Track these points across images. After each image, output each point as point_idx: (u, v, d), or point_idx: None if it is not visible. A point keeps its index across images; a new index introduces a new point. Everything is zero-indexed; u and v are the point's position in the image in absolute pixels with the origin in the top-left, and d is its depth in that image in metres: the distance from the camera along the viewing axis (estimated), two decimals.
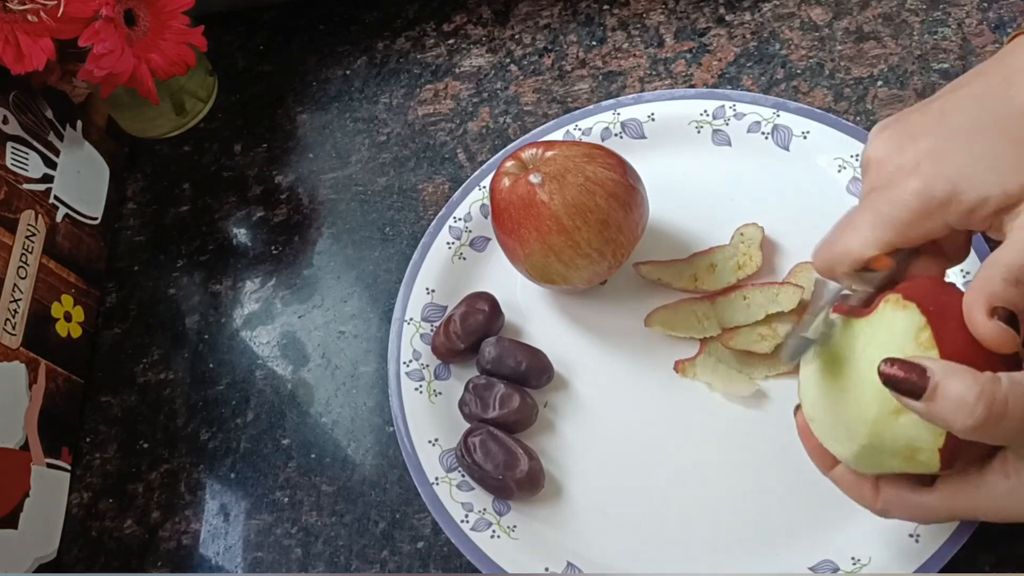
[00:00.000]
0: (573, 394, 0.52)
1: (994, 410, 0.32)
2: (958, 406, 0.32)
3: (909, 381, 0.33)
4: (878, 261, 0.38)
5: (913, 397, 0.33)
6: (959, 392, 0.32)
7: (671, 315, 0.51)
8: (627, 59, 0.62)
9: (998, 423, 0.32)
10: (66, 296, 0.60)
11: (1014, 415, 0.32)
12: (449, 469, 0.50)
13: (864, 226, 0.38)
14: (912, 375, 0.33)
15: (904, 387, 0.33)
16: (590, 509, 0.49)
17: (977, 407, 0.32)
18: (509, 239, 0.50)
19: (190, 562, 0.53)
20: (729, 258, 0.52)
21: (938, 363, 0.33)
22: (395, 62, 0.67)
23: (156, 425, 0.58)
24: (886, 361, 0.34)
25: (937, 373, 0.33)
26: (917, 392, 0.33)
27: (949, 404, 0.32)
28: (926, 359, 0.34)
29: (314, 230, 0.62)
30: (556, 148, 0.49)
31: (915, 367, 0.33)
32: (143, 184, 0.67)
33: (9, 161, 0.57)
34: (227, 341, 0.60)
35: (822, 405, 0.38)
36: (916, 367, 0.33)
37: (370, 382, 0.56)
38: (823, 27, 0.60)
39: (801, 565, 0.45)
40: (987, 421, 0.32)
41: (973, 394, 0.32)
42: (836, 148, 0.54)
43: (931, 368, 0.33)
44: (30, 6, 0.52)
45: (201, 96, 0.68)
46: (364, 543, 0.51)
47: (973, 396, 0.32)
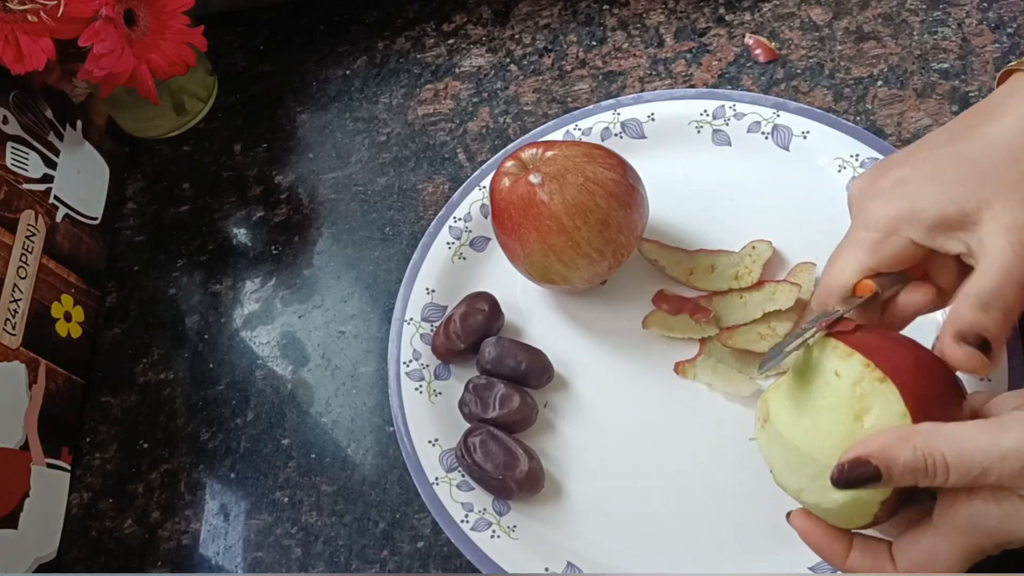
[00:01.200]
0: (573, 394, 0.52)
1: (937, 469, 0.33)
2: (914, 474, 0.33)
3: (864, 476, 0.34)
4: (860, 287, 0.40)
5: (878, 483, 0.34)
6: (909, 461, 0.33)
7: (668, 316, 0.51)
8: (627, 59, 0.62)
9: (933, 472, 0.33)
10: (66, 296, 0.60)
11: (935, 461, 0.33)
12: (449, 469, 0.50)
13: (843, 255, 0.41)
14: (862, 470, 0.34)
15: (865, 482, 0.34)
16: (590, 509, 0.49)
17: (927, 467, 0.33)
18: (509, 239, 0.50)
19: (190, 562, 0.53)
20: (731, 266, 0.52)
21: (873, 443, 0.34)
22: (395, 62, 0.67)
23: (156, 425, 0.58)
24: (835, 469, 0.35)
25: (878, 456, 0.34)
26: (876, 479, 0.34)
27: (907, 476, 0.33)
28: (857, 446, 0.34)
29: (314, 230, 0.62)
30: (556, 148, 0.49)
31: (857, 463, 0.34)
32: (143, 184, 0.67)
33: (9, 161, 0.57)
34: (227, 341, 0.60)
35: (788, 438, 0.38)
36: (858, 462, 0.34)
37: (370, 382, 0.56)
38: (823, 27, 0.60)
39: (801, 565, 0.45)
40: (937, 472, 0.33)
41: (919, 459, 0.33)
42: (836, 148, 0.54)
43: (871, 453, 0.34)
44: (30, 6, 0.52)
45: (201, 96, 0.68)
46: (364, 543, 0.51)
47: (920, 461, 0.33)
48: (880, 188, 0.40)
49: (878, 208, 0.40)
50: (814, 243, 0.52)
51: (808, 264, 0.51)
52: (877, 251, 0.39)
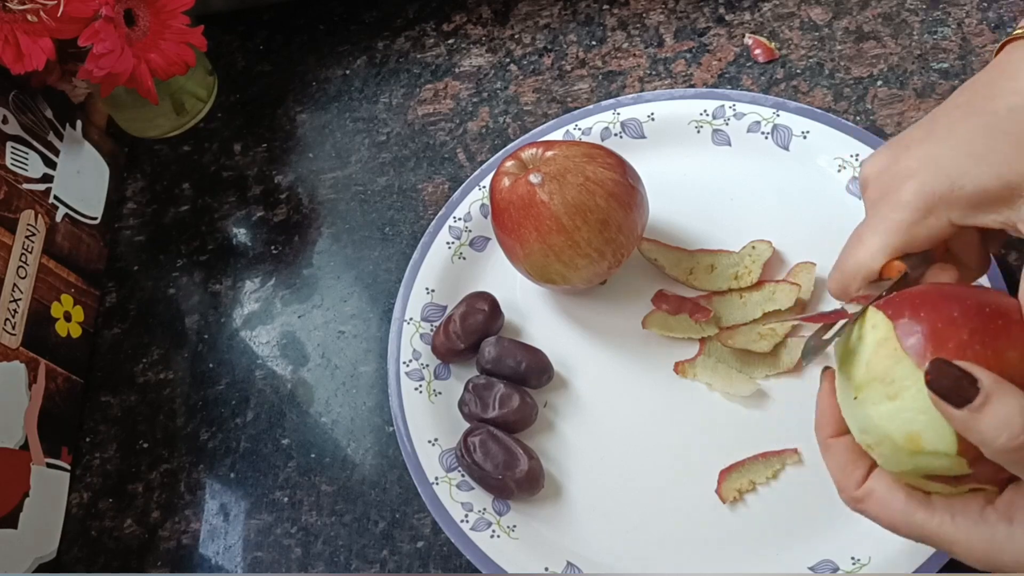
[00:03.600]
0: (573, 394, 0.52)
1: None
2: (1004, 424, 0.31)
3: (959, 388, 0.32)
4: (889, 268, 0.38)
5: (956, 405, 0.32)
6: (1008, 411, 0.31)
7: (668, 316, 0.51)
8: (627, 59, 0.62)
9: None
10: (66, 296, 0.60)
11: None
12: (449, 469, 0.50)
13: (869, 237, 0.38)
14: (962, 382, 0.32)
15: (951, 393, 0.32)
16: (590, 509, 0.49)
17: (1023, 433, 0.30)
18: (509, 239, 0.50)
19: (190, 562, 0.53)
20: (731, 266, 0.52)
21: (989, 376, 0.32)
22: (395, 62, 0.67)
23: (156, 425, 0.58)
24: (936, 363, 0.32)
25: (988, 386, 0.31)
26: (963, 400, 0.31)
27: (994, 420, 0.31)
28: (978, 369, 0.32)
29: (314, 230, 0.62)
30: (556, 148, 0.49)
31: (966, 375, 0.32)
32: (143, 184, 0.67)
33: (9, 161, 0.57)
34: (227, 341, 0.60)
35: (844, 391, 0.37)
36: (967, 375, 0.32)
37: (370, 382, 0.56)
38: (823, 27, 0.60)
39: (801, 565, 0.45)
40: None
41: (1022, 416, 0.31)
42: (836, 148, 0.54)
43: (982, 380, 0.31)
44: (30, 6, 0.52)
45: (201, 96, 0.68)
46: (364, 543, 0.51)
47: (1022, 419, 0.30)
48: (907, 167, 0.38)
49: (909, 187, 0.37)
50: (814, 243, 0.52)
51: (808, 264, 0.51)
52: (912, 232, 0.37)
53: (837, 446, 0.37)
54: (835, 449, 0.37)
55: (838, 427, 0.37)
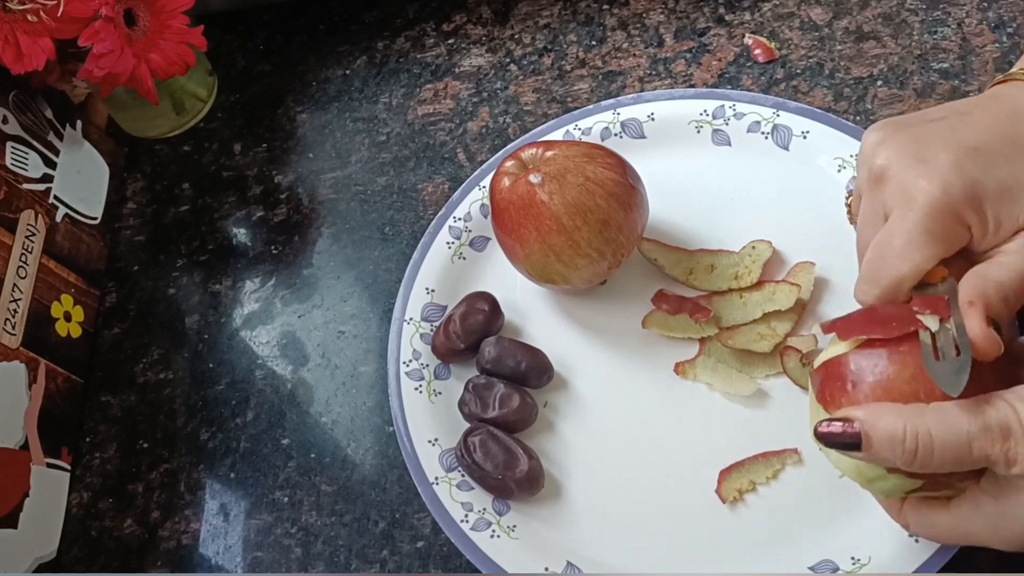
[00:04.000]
0: (573, 394, 0.52)
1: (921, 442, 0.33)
2: (893, 443, 0.33)
3: (843, 436, 0.34)
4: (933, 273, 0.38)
5: (856, 450, 0.34)
6: (889, 431, 0.33)
7: (668, 316, 0.51)
8: (627, 59, 0.62)
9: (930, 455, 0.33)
10: (66, 296, 0.60)
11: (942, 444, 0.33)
12: (449, 469, 0.50)
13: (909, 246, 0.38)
14: (845, 430, 0.34)
15: (842, 444, 0.34)
16: (590, 509, 0.49)
17: (907, 442, 0.33)
18: (509, 239, 0.50)
19: (190, 562, 0.53)
20: (731, 266, 0.52)
21: (863, 409, 0.34)
22: (395, 62, 0.67)
23: (156, 425, 0.58)
24: (819, 425, 0.35)
25: (864, 420, 0.34)
26: (855, 445, 0.34)
27: (886, 446, 0.33)
28: (850, 410, 0.35)
29: (314, 230, 0.62)
30: (556, 148, 0.49)
31: (842, 421, 0.34)
32: (143, 184, 0.67)
33: (9, 161, 0.57)
34: (227, 341, 0.60)
35: None
36: (843, 420, 0.34)
37: (370, 382, 0.56)
38: (823, 27, 0.60)
39: (801, 565, 0.45)
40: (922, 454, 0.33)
41: (899, 429, 0.33)
42: (836, 148, 0.54)
43: (857, 416, 0.34)
44: (30, 6, 0.52)
45: (201, 96, 0.68)
46: (364, 543, 0.51)
47: (900, 432, 0.33)
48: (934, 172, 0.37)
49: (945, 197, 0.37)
50: (814, 243, 0.52)
51: (808, 264, 0.51)
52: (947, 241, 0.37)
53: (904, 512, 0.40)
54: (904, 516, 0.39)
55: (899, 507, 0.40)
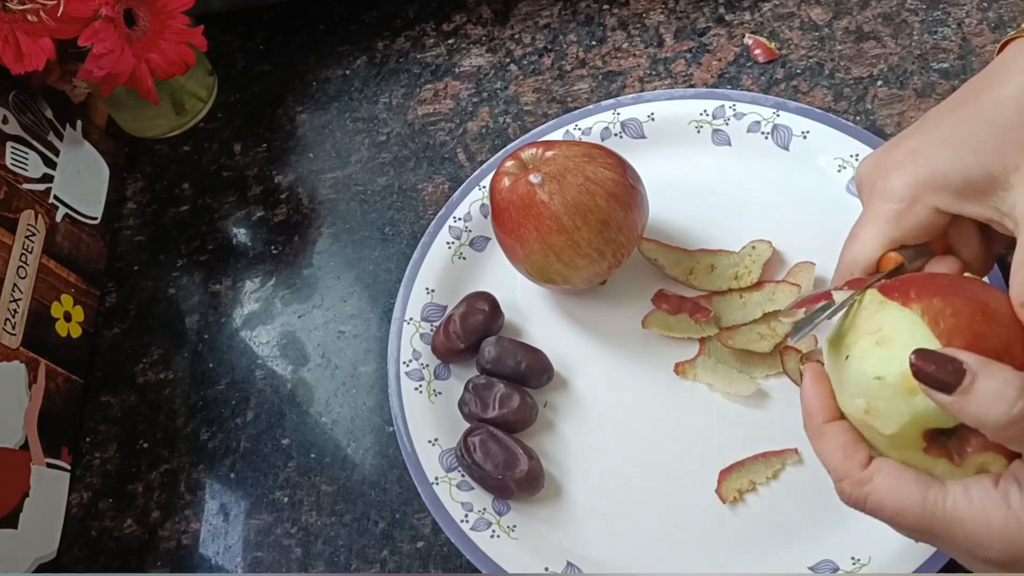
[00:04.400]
0: (573, 394, 0.52)
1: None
2: (996, 400, 0.30)
3: (942, 375, 0.31)
4: (885, 260, 0.38)
5: (945, 391, 0.31)
6: (997, 387, 0.31)
7: (668, 316, 0.51)
8: (627, 59, 0.62)
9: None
10: (66, 296, 0.60)
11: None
12: (449, 469, 0.50)
13: (862, 230, 0.39)
14: (946, 368, 0.31)
15: (936, 381, 0.31)
16: (590, 509, 0.49)
17: (1018, 402, 0.30)
18: (509, 239, 0.50)
19: (190, 562, 0.53)
20: (731, 266, 0.52)
21: (973, 356, 0.31)
22: (395, 62, 0.67)
23: (156, 425, 0.58)
24: (917, 353, 0.32)
25: (973, 367, 0.31)
26: (950, 386, 0.31)
27: (985, 399, 0.31)
28: (960, 352, 0.32)
29: (314, 230, 0.62)
30: (556, 148, 0.49)
31: (949, 360, 0.31)
32: (143, 184, 0.67)
33: (9, 161, 0.57)
34: (227, 341, 0.60)
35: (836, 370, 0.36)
36: (951, 359, 0.31)
37: (370, 382, 0.56)
38: (823, 27, 0.60)
39: (801, 565, 0.45)
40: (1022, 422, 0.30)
41: (1014, 389, 0.30)
42: (836, 148, 0.54)
43: (967, 362, 0.31)
44: (30, 6, 0.52)
45: (201, 96, 0.68)
46: (364, 543, 0.51)
47: (1014, 391, 0.30)
48: (895, 160, 0.38)
49: (897, 178, 0.38)
50: (814, 243, 0.52)
51: (808, 264, 0.51)
52: (901, 221, 0.37)
53: (832, 429, 0.35)
54: (831, 432, 0.35)
55: (830, 412, 0.36)
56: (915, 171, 0.37)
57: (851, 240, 0.39)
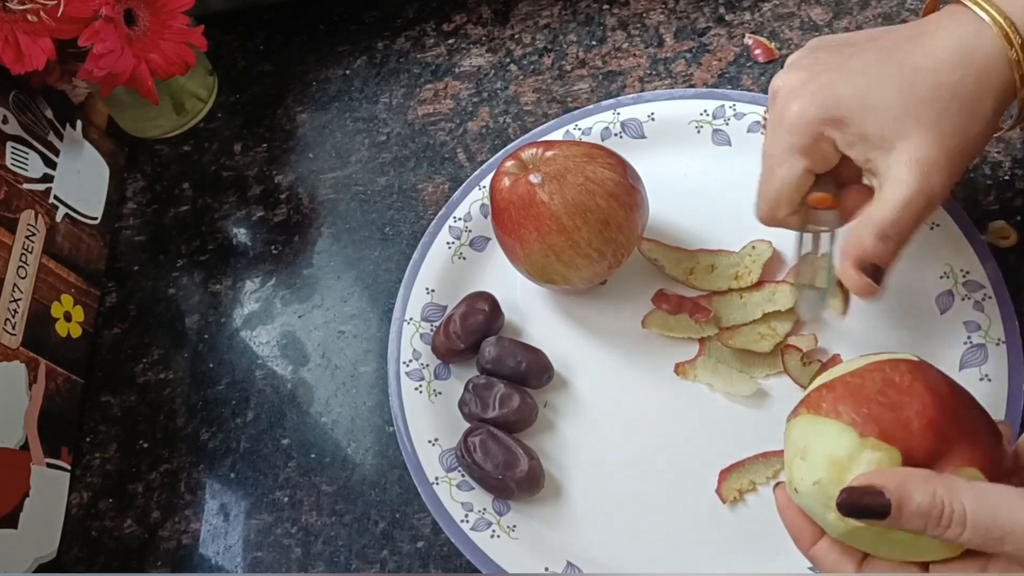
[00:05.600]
0: (573, 394, 0.52)
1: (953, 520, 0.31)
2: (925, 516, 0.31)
3: (870, 506, 0.32)
4: (818, 199, 0.42)
5: (879, 518, 0.32)
6: (921, 502, 0.31)
7: (668, 316, 0.51)
8: (627, 59, 0.62)
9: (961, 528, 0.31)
10: (66, 296, 0.60)
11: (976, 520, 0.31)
12: (449, 469, 0.50)
13: (776, 162, 0.42)
14: (868, 499, 0.32)
15: (867, 513, 0.32)
16: (590, 509, 0.49)
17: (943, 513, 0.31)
18: (509, 239, 0.50)
19: (190, 562, 0.53)
20: (731, 266, 0.52)
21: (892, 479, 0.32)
22: (395, 62, 0.67)
23: (156, 425, 0.58)
24: (841, 493, 0.33)
25: (892, 488, 0.32)
26: (881, 515, 0.32)
27: (916, 517, 0.32)
28: (879, 476, 0.32)
29: (314, 230, 0.62)
30: (556, 148, 0.49)
31: (869, 490, 0.32)
32: (143, 184, 0.67)
33: (9, 161, 0.57)
34: (227, 341, 0.60)
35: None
36: (870, 490, 0.32)
37: (370, 382, 0.56)
38: (823, 27, 0.60)
39: (801, 565, 0.45)
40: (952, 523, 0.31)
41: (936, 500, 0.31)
42: None
43: (885, 486, 0.32)
44: (30, 6, 0.52)
45: (201, 96, 0.68)
46: (364, 543, 0.51)
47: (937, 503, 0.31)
48: (808, 90, 0.41)
49: (804, 110, 0.40)
50: None
51: None
52: (809, 153, 0.41)
53: (820, 552, 0.36)
54: (817, 557, 0.37)
55: (810, 535, 0.37)
56: (823, 108, 0.40)
57: (771, 171, 0.43)
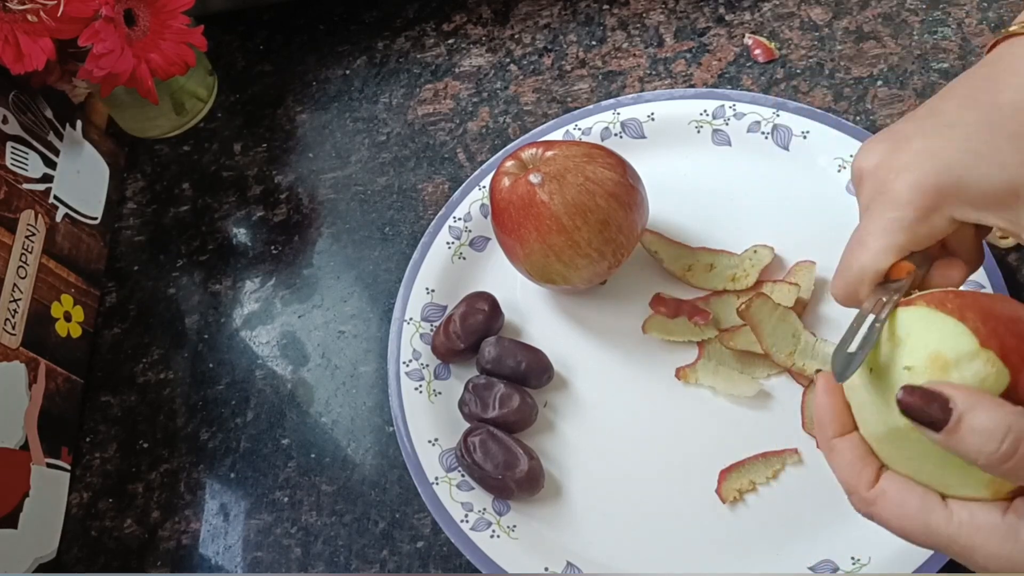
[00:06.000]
0: (573, 394, 0.52)
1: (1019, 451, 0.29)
2: (984, 439, 0.30)
3: (929, 411, 0.31)
4: (897, 269, 0.36)
5: (933, 428, 0.31)
6: (984, 425, 0.30)
7: (667, 320, 0.51)
8: (627, 59, 0.62)
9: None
10: (66, 296, 0.60)
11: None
12: (449, 469, 0.50)
13: (872, 238, 0.37)
14: (933, 405, 0.31)
15: (924, 418, 0.31)
16: (590, 509, 0.49)
17: (1005, 441, 0.30)
18: (509, 239, 0.50)
19: (190, 562, 0.53)
20: (730, 267, 0.52)
21: (962, 393, 0.31)
22: (395, 62, 0.67)
23: (156, 425, 0.58)
24: (904, 389, 0.31)
25: (960, 404, 0.30)
26: (937, 424, 0.30)
27: (974, 437, 0.30)
28: (949, 387, 0.31)
29: (314, 230, 0.62)
30: (556, 148, 0.49)
31: (936, 396, 0.31)
32: (143, 184, 0.67)
33: (9, 161, 0.57)
34: (227, 341, 0.60)
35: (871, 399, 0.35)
36: (937, 397, 0.31)
37: (370, 382, 0.56)
38: (823, 27, 0.60)
39: (801, 565, 0.45)
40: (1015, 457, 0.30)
41: (1003, 426, 0.30)
42: (836, 148, 0.54)
43: (954, 399, 0.30)
44: (30, 6, 0.52)
45: (201, 96, 0.68)
46: (364, 543, 0.51)
47: (1002, 429, 0.30)
48: (903, 161, 0.36)
49: (909, 183, 0.35)
50: (813, 243, 0.52)
51: (807, 263, 0.51)
52: (916, 230, 0.35)
53: (843, 445, 0.35)
54: (840, 448, 0.35)
55: (843, 426, 0.35)
56: (933, 178, 0.35)
57: (857, 248, 0.37)
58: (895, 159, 0.37)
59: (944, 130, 0.36)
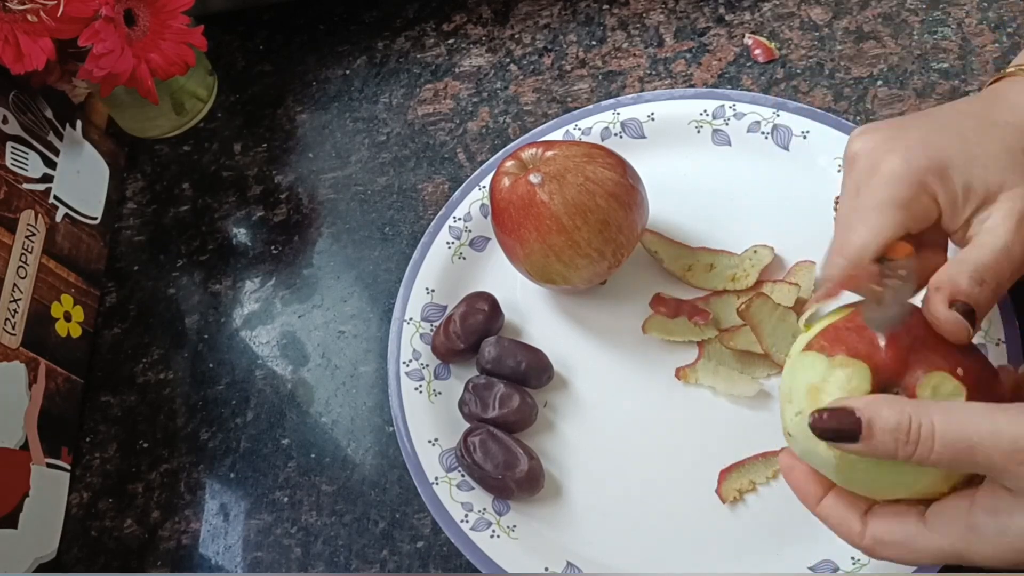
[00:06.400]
0: (573, 394, 0.52)
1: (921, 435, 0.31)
2: (894, 435, 0.32)
3: (841, 426, 0.33)
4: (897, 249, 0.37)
5: (851, 441, 0.33)
6: (890, 421, 0.32)
7: (667, 320, 0.51)
8: (627, 59, 0.62)
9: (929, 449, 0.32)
10: (66, 296, 0.60)
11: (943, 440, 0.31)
12: (449, 469, 0.50)
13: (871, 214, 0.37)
14: (842, 419, 0.33)
15: (840, 435, 0.33)
16: (590, 509, 0.49)
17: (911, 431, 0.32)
18: (509, 239, 0.50)
19: (190, 562, 0.53)
20: (730, 267, 0.52)
21: (859, 400, 0.33)
22: (395, 62, 0.67)
23: (156, 425, 0.58)
24: (813, 416, 0.33)
25: (863, 409, 0.32)
26: (854, 434, 0.32)
27: (886, 437, 0.32)
28: (850, 399, 0.33)
29: (314, 230, 0.62)
30: (556, 148, 0.49)
31: (839, 411, 0.33)
32: (143, 184, 0.67)
33: (9, 161, 0.57)
34: (227, 341, 0.60)
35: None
36: (840, 411, 0.33)
37: (370, 382, 0.56)
38: (823, 27, 0.60)
39: (801, 565, 0.45)
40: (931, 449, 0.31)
41: (905, 419, 0.32)
42: (836, 148, 0.53)
43: (856, 406, 0.33)
44: (30, 6, 0.52)
45: (201, 96, 0.68)
46: (364, 543, 0.51)
47: (906, 421, 0.32)
48: (902, 144, 0.38)
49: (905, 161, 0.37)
50: (813, 243, 0.51)
51: (807, 263, 0.51)
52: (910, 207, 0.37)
53: (827, 508, 0.37)
54: (826, 512, 0.37)
55: (815, 492, 0.37)
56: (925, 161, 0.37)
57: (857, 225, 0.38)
58: (891, 143, 0.38)
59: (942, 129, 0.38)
